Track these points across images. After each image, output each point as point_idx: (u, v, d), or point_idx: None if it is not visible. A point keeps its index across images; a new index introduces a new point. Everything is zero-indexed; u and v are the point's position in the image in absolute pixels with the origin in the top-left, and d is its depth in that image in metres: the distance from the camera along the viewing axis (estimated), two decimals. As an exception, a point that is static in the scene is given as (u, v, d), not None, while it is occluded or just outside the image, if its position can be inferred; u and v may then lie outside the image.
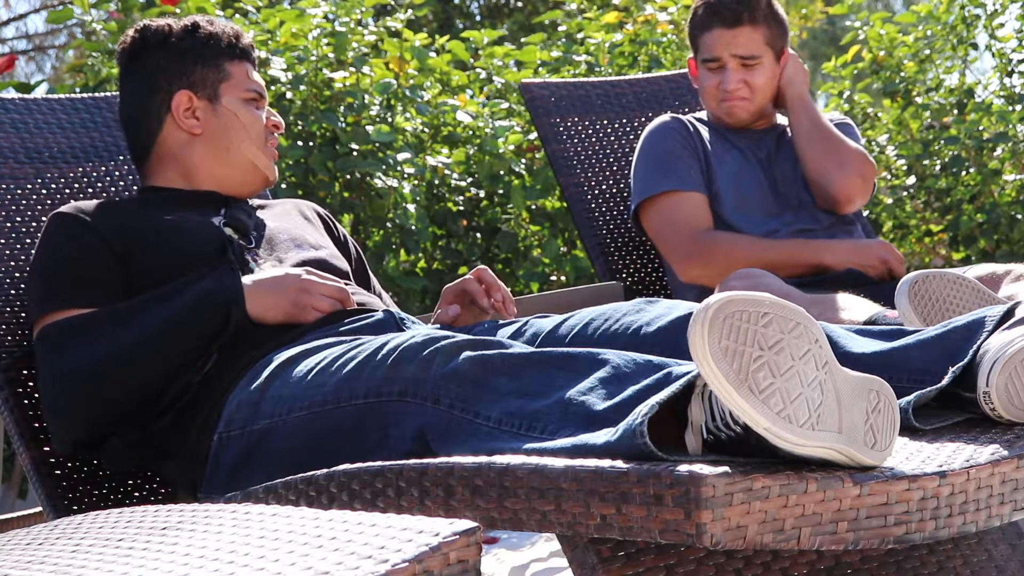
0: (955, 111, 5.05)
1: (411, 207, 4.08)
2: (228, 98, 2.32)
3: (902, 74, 5.12)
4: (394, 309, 2.23)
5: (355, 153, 4.03)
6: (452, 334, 1.75)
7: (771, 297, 1.39)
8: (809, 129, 3.05)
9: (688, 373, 1.50)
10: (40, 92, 4.02)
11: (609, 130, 3.37)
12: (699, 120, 3.16)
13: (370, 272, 2.51)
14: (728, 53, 3.05)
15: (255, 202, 2.43)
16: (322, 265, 2.26)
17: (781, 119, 3.20)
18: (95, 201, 2.27)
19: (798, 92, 3.08)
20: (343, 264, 2.34)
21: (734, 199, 3.01)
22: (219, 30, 2.34)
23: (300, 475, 1.69)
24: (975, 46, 5.13)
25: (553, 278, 4.45)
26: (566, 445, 1.50)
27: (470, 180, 4.37)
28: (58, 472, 2.15)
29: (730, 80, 3.05)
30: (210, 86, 2.32)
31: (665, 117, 3.14)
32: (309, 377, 1.87)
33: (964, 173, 4.90)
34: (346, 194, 4.09)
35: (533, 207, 4.40)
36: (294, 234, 2.33)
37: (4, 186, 2.37)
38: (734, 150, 3.08)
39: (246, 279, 2.12)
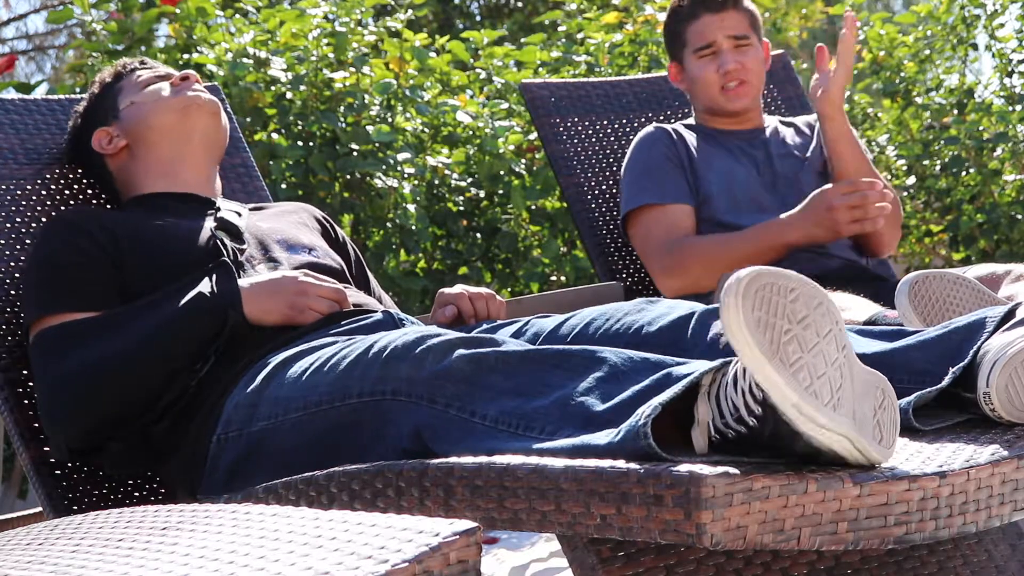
0: (955, 111, 5.05)
1: (411, 207, 4.08)
2: (125, 101, 2.40)
3: (902, 74, 5.12)
4: (394, 310, 2.23)
5: (355, 153, 4.02)
6: (444, 331, 1.75)
7: (795, 273, 1.39)
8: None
9: (690, 374, 1.50)
10: (40, 92, 4.03)
11: (609, 130, 3.37)
12: (686, 126, 3.15)
13: (369, 274, 2.51)
14: (722, 35, 3.06)
15: (249, 204, 2.44)
16: (317, 267, 2.26)
17: (769, 119, 3.19)
18: (89, 207, 2.28)
19: (845, 132, 2.99)
20: (338, 264, 2.34)
21: (726, 200, 3.01)
22: (103, 78, 2.46)
23: (300, 475, 1.69)
24: (975, 46, 5.13)
25: (553, 278, 4.45)
26: (567, 445, 1.50)
27: (470, 180, 4.37)
28: (58, 472, 2.15)
29: (729, 60, 3.05)
30: (111, 109, 2.41)
31: (650, 128, 3.13)
32: (304, 378, 1.87)
33: (964, 173, 4.90)
34: (346, 194, 4.09)
35: (533, 207, 4.40)
36: (287, 235, 2.33)
37: (4, 186, 2.37)
38: (723, 150, 3.08)
39: (243, 282, 2.12)
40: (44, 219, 2.36)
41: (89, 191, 2.47)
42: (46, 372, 2.07)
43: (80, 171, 2.48)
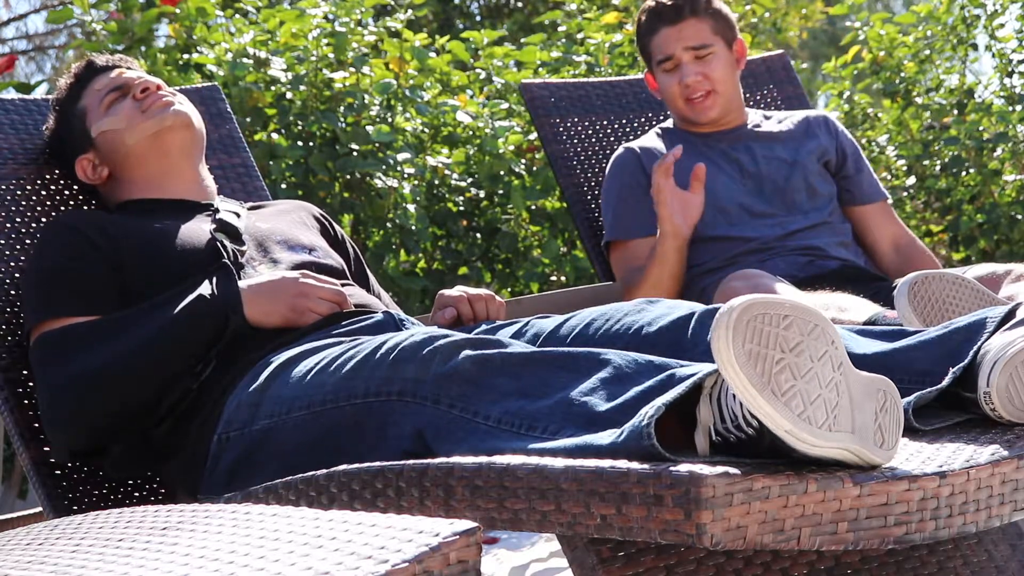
0: (955, 111, 5.05)
1: (411, 207, 4.07)
2: (94, 127, 2.36)
3: (902, 74, 5.12)
4: (394, 310, 2.23)
5: (355, 153, 4.02)
6: (451, 333, 1.75)
7: (790, 299, 1.39)
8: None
9: (693, 375, 1.50)
10: (40, 92, 4.02)
11: (609, 130, 3.37)
12: (664, 132, 3.13)
13: (369, 273, 2.51)
14: (679, 47, 3.05)
15: (248, 204, 2.43)
16: (317, 267, 2.26)
17: (754, 116, 3.18)
18: (88, 210, 2.28)
19: None
20: (338, 264, 2.34)
21: (711, 213, 2.97)
22: (60, 94, 2.41)
23: (300, 475, 1.69)
24: (975, 46, 5.13)
25: (553, 278, 4.45)
26: (570, 445, 1.50)
27: (470, 180, 4.36)
28: (58, 472, 2.15)
29: (688, 72, 3.04)
30: (84, 134, 2.37)
31: (621, 150, 3.12)
32: (309, 377, 1.87)
33: (964, 173, 4.90)
34: (346, 194, 4.09)
35: (533, 207, 4.40)
36: (287, 235, 2.33)
37: (4, 186, 2.37)
38: (702, 159, 3.03)
39: (243, 284, 2.12)
40: (44, 219, 2.36)
41: (89, 191, 2.46)
42: (47, 376, 2.07)
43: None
